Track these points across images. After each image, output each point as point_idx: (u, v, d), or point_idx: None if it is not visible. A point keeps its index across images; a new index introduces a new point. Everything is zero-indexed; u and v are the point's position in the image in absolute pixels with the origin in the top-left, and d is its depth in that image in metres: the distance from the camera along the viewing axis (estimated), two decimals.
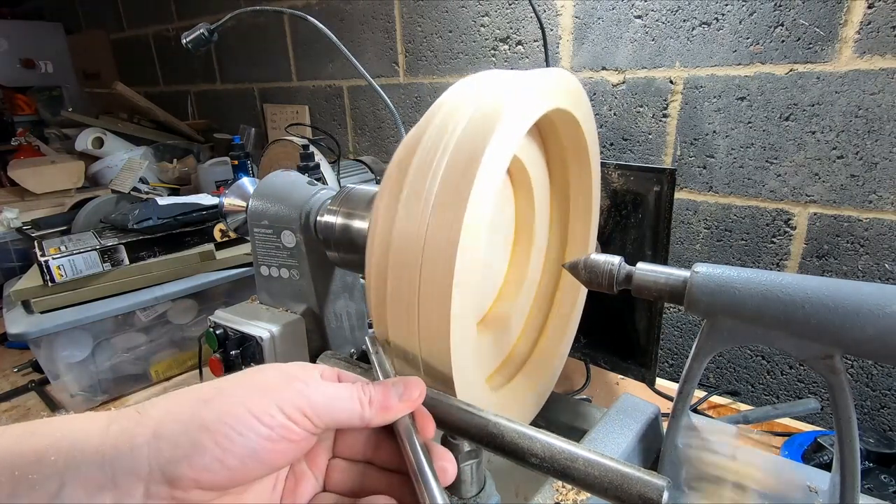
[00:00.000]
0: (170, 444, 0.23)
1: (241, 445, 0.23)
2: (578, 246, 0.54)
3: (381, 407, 0.28)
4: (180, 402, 0.25)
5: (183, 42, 0.82)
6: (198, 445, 0.23)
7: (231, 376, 0.27)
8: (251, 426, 0.24)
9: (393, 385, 0.29)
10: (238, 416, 0.24)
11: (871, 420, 0.76)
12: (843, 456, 0.34)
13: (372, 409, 0.27)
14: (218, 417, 0.23)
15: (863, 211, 0.71)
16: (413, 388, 0.29)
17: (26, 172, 1.40)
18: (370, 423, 0.27)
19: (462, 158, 0.33)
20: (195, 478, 0.22)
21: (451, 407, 0.31)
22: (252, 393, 0.25)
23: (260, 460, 0.24)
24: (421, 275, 0.33)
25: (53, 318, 0.77)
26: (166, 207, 0.91)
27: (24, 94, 2.22)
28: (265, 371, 0.27)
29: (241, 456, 0.23)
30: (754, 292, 0.33)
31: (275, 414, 0.24)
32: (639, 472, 0.26)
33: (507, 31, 0.99)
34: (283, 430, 0.24)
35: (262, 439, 0.24)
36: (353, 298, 0.64)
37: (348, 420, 0.27)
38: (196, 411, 0.24)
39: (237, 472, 0.23)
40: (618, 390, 0.78)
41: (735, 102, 0.77)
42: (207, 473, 0.23)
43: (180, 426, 0.23)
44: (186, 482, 0.22)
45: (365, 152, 1.34)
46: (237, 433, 0.23)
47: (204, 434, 0.23)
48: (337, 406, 0.26)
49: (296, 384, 0.26)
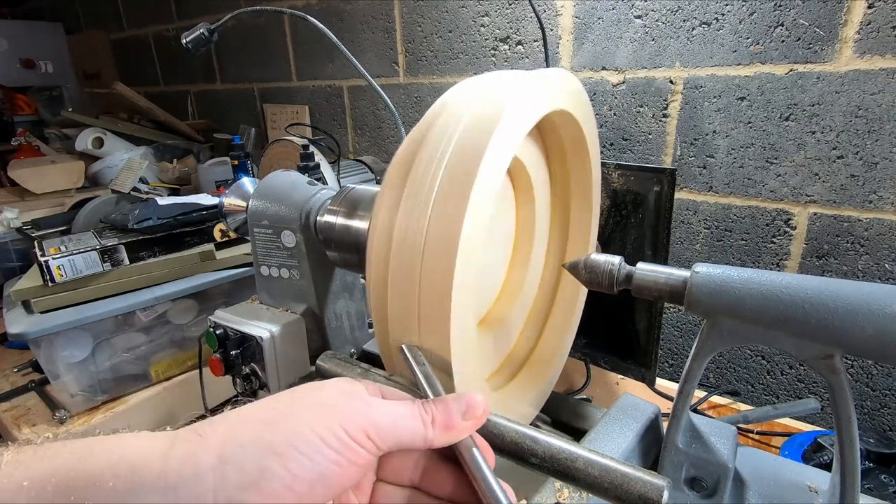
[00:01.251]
0: (236, 469, 0.22)
1: (310, 470, 0.22)
2: (579, 246, 0.54)
3: (445, 426, 0.26)
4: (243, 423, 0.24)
5: (183, 42, 0.82)
6: (266, 471, 0.22)
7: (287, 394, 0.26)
8: (319, 449, 0.23)
9: (454, 401, 0.27)
10: (307, 439, 0.23)
11: (871, 420, 0.76)
12: (843, 456, 0.34)
13: (436, 429, 0.26)
14: (286, 440, 0.22)
15: (863, 211, 0.71)
16: (476, 406, 0.27)
17: (26, 172, 1.40)
18: (433, 444, 0.26)
19: (463, 159, 0.33)
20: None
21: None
22: (316, 414, 0.24)
23: (327, 485, 0.23)
24: (421, 275, 0.33)
25: (53, 318, 0.77)
26: (166, 207, 0.91)
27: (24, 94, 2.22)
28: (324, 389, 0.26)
29: (310, 481, 0.22)
30: (754, 292, 0.33)
31: (341, 436, 0.23)
32: (639, 472, 0.26)
33: (507, 31, 0.99)
34: (349, 454, 0.23)
35: (329, 463, 0.23)
36: (353, 298, 0.64)
37: (411, 441, 0.26)
38: (261, 434, 0.23)
39: (304, 497, 0.22)
40: (618, 390, 0.78)
41: (735, 102, 0.77)
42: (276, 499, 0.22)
43: (246, 450, 0.22)
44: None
45: (365, 152, 1.34)
46: (306, 457, 0.22)
47: (273, 458, 0.22)
48: (401, 426, 0.25)
49: (357, 403, 0.25)
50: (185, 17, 1.72)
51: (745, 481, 0.45)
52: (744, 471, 0.45)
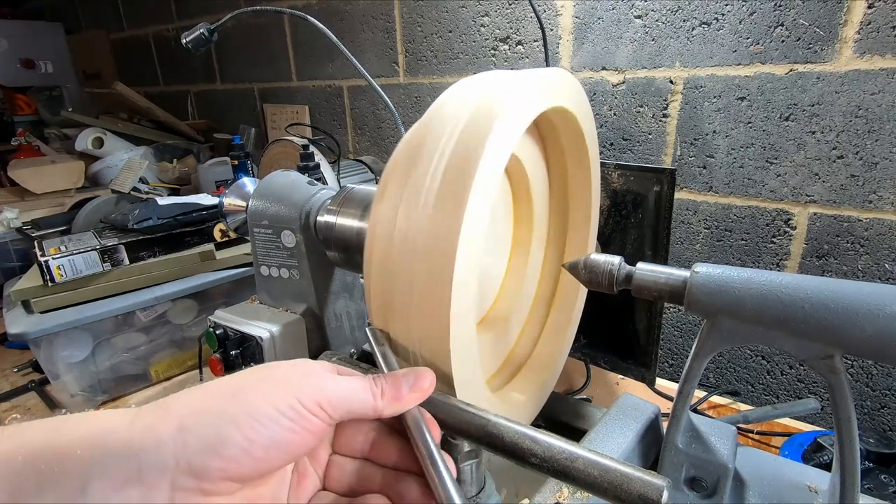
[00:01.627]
0: (196, 436, 0.23)
1: (266, 437, 0.24)
2: (578, 246, 0.54)
3: (393, 397, 0.28)
4: (204, 397, 0.26)
5: (183, 42, 0.82)
6: (224, 437, 0.24)
7: (246, 373, 0.28)
8: (274, 418, 0.25)
9: (403, 376, 0.30)
10: (263, 410, 0.25)
11: (871, 420, 0.76)
12: (843, 456, 0.34)
13: (384, 399, 0.28)
14: (244, 411, 0.25)
15: (863, 211, 0.71)
16: (423, 379, 0.30)
17: (26, 172, 1.40)
18: (382, 413, 0.28)
19: (460, 159, 0.33)
20: (223, 467, 0.23)
21: (452, 407, 0.31)
22: (273, 388, 0.26)
23: (282, 450, 0.25)
24: (420, 276, 0.33)
25: (53, 318, 0.77)
26: (166, 207, 0.91)
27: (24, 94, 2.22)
28: (279, 367, 0.28)
29: (266, 446, 0.24)
30: (754, 292, 0.33)
31: (296, 406, 0.26)
32: (639, 472, 0.26)
33: (507, 31, 0.99)
34: (303, 422, 0.26)
35: (284, 430, 0.25)
36: (353, 298, 0.64)
37: (362, 410, 0.28)
38: (220, 405, 0.25)
39: (262, 461, 0.25)
40: (618, 390, 0.78)
41: (735, 102, 0.77)
42: (235, 463, 0.24)
43: (207, 419, 0.24)
44: (214, 473, 0.23)
45: (365, 152, 1.34)
46: (262, 426, 0.24)
47: (230, 426, 0.24)
48: (351, 397, 0.28)
49: (310, 379, 0.27)
50: (185, 17, 1.72)
51: (745, 481, 0.45)
52: (744, 471, 0.45)
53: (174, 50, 1.83)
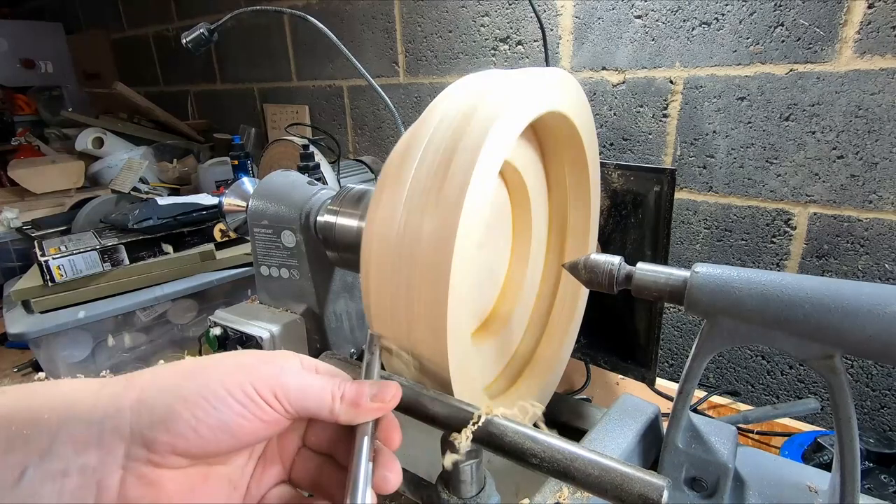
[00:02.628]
0: (149, 410, 0.24)
1: (215, 418, 0.25)
2: (577, 247, 0.54)
3: (352, 403, 0.28)
4: (165, 373, 0.26)
5: (183, 42, 0.82)
6: (174, 413, 0.24)
7: (215, 355, 0.28)
8: (224, 401, 0.25)
9: (370, 385, 0.29)
10: (214, 391, 0.25)
11: (871, 420, 0.76)
12: (843, 456, 0.34)
13: (343, 404, 0.28)
14: (196, 390, 0.25)
15: (863, 211, 0.71)
16: (387, 392, 0.29)
17: (26, 172, 1.41)
18: (338, 417, 0.28)
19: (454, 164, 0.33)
20: (171, 442, 0.24)
21: (452, 407, 0.31)
22: (230, 371, 0.26)
23: (230, 433, 0.25)
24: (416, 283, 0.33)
25: (53, 318, 0.77)
26: (166, 207, 0.91)
27: (24, 94, 2.23)
28: (247, 353, 0.29)
29: (213, 427, 0.25)
30: (754, 292, 0.33)
31: (249, 392, 0.26)
32: (639, 472, 0.26)
33: (507, 31, 0.99)
34: (254, 409, 0.26)
35: (234, 414, 0.25)
36: (353, 298, 0.64)
37: (317, 410, 0.28)
38: (177, 382, 0.25)
39: (209, 441, 0.25)
40: (618, 390, 0.78)
41: (735, 102, 0.77)
42: (182, 440, 0.24)
43: (161, 394, 0.25)
44: (162, 446, 0.24)
45: (365, 152, 1.34)
46: (211, 406, 0.25)
47: (181, 404, 0.24)
48: (309, 394, 0.27)
49: (272, 368, 0.27)
50: (185, 17, 1.72)
51: (745, 481, 0.45)
52: (744, 471, 0.45)
53: (174, 50, 1.83)
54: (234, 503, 0.28)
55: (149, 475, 0.24)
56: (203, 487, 0.26)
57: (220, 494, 0.27)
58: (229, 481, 0.28)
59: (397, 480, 0.28)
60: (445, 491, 0.35)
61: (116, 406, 0.24)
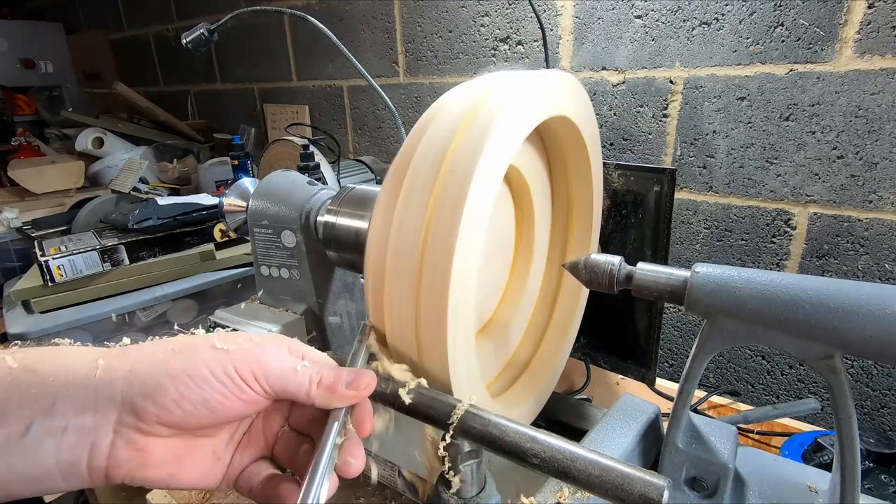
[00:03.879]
0: (140, 382, 0.27)
1: (197, 394, 0.27)
2: (579, 251, 0.54)
3: (328, 388, 0.30)
4: (156, 349, 0.29)
5: (183, 42, 0.82)
6: (161, 387, 0.27)
7: (208, 335, 0.30)
8: (206, 379, 0.27)
9: (347, 373, 0.31)
10: (197, 369, 0.27)
11: (871, 420, 0.76)
12: (843, 456, 0.34)
13: (319, 388, 0.30)
14: (182, 368, 0.27)
15: (863, 211, 0.71)
16: (361, 379, 0.31)
17: (26, 172, 1.41)
18: (314, 401, 0.30)
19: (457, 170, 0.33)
20: (156, 413, 0.26)
21: (451, 407, 0.31)
22: (215, 352, 0.28)
23: (211, 409, 0.27)
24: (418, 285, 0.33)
25: (53, 318, 0.77)
26: (166, 207, 0.91)
27: (24, 94, 2.23)
28: (238, 335, 0.30)
29: (195, 402, 0.27)
30: (754, 292, 0.33)
31: (230, 372, 0.28)
32: (639, 472, 0.26)
33: (507, 31, 0.99)
34: (233, 388, 0.28)
35: (214, 392, 0.27)
36: (353, 298, 0.64)
37: (295, 392, 0.29)
38: (166, 358, 0.28)
39: (190, 415, 0.27)
40: (618, 390, 0.78)
41: (735, 102, 0.77)
42: (166, 412, 0.27)
43: (151, 368, 0.27)
44: (149, 416, 0.26)
45: (365, 152, 1.34)
46: (194, 383, 0.27)
47: (167, 379, 0.27)
48: (288, 377, 0.29)
49: (256, 350, 0.29)
50: (185, 17, 1.72)
51: (745, 481, 0.45)
52: (744, 471, 0.45)
53: (174, 50, 1.83)
54: (216, 473, 0.30)
55: (137, 441, 0.27)
56: (188, 456, 0.29)
57: (204, 464, 0.30)
58: (213, 452, 0.30)
59: (359, 466, 0.30)
60: (445, 491, 0.35)
61: (111, 375, 0.27)
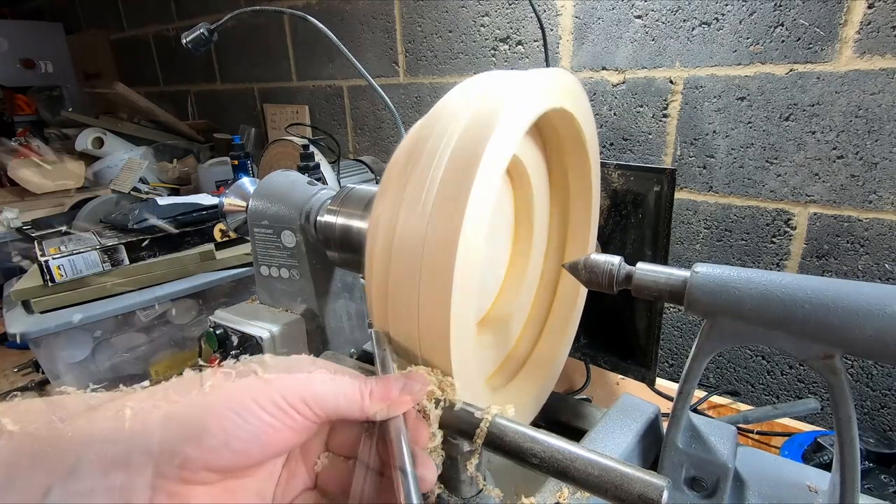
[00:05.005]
0: (179, 424, 0.24)
1: (245, 430, 0.24)
2: (578, 246, 0.54)
3: (382, 398, 0.28)
4: (189, 385, 0.26)
5: (183, 42, 0.82)
6: (204, 428, 0.24)
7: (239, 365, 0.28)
8: (254, 412, 0.24)
9: (395, 379, 0.29)
10: (243, 403, 0.24)
11: (871, 420, 0.76)
12: (843, 456, 0.34)
13: (373, 400, 0.28)
14: (223, 402, 0.24)
15: (863, 211, 0.71)
16: (415, 381, 0.29)
17: (26, 172, 1.40)
18: (371, 414, 0.28)
19: (461, 160, 0.33)
20: (202, 458, 0.23)
21: (451, 406, 0.31)
22: (256, 382, 0.26)
23: (262, 445, 0.25)
24: (421, 276, 0.33)
25: (53, 318, 0.77)
26: (166, 207, 0.91)
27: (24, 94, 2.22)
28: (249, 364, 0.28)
29: (245, 440, 0.24)
30: (754, 292, 0.33)
31: (278, 401, 0.25)
32: (639, 472, 0.26)
33: (507, 31, 0.99)
34: (285, 417, 0.25)
35: (264, 425, 0.25)
36: (353, 298, 0.64)
37: (349, 410, 0.27)
38: (203, 395, 0.25)
39: (241, 454, 0.24)
40: (618, 390, 0.78)
41: (735, 102, 0.77)
42: (213, 454, 0.24)
43: (189, 409, 0.24)
44: (194, 462, 0.23)
45: (365, 152, 1.34)
46: (241, 419, 0.24)
47: (211, 418, 0.24)
48: (338, 395, 0.27)
49: (298, 376, 0.27)
50: (185, 17, 1.72)
51: (745, 481, 0.45)
52: (744, 471, 0.45)
53: (174, 50, 1.83)
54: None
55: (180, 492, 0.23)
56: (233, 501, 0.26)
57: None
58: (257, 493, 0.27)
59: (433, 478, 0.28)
60: (445, 491, 0.35)
61: (144, 424, 0.23)
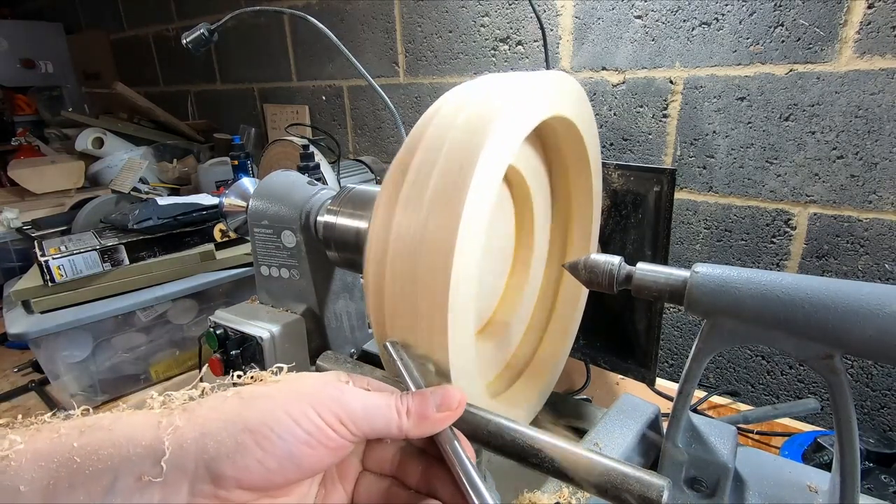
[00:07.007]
0: (215, 441, 0.23)
1: (280, 448, 0.24)
2: (579, 251, 0.54)
3: (419, 416, 0.27)
4: (225, 401, 0.25)
5: (183, 42, 0.82)
6: (240, 445, 0.23)
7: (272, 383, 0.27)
8: (290, 430, 0.24)
9: (431, 394, 0.28)
10: (279, 420, 0.24)
11: (871, 420, 0.76)
12: (843, 456, 0.34)
13: (410, 419, 0.27)
14: (260, 419, 0.24)
15: (863, 211, 0.71)
16: (451, 398, 0.28)
17: (26, 172, 1.41)
18: (408, 433, 0.27)
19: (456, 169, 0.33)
20: (237, 477, 0.23)
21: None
22: (292, 398, 0.25)
23: (297, 463, 0.24)
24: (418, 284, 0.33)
25: (53, 318, 0.77)
26: (166, 207, 0.91)
27: (24, 94, 2.22)
28: (303, 377, 0.27)
29: (280, 458, 0.24)
30: (754, 292, 0.33)
31: (314, 419, 0.25)
32: (639, 472, 0.26)
33: (507, 31, 0.99)
34: (320, 436, 0.25)
35: (300, 444, 0.24)
36: (353, 298, 0.64)
37: (385, 429, 0.27)
38: (239, 411, 0.24)
39: (275, 473, 0.24)
40: (618, 390, 0.78)
41: (735, 102, 0.77)
42: (248, 473, 0.23)
43: (224, 425, 0.24)
44: (229, 481, 0.23)
45: (365, 152, 1.34)
46: (277, 436, 0.24)
47: (246, 434, 0.23)
48: (374, 414, 0.26)
49: (333, 391, 0.26)
50: (185, 17, 1.72)
51: (745, 481, 0.45)
52: (744, 471, 0.45)
53: (174, 50, 1.83)
54: None
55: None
56: None
57: None
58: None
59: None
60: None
61: (179, 441, 0.23)
